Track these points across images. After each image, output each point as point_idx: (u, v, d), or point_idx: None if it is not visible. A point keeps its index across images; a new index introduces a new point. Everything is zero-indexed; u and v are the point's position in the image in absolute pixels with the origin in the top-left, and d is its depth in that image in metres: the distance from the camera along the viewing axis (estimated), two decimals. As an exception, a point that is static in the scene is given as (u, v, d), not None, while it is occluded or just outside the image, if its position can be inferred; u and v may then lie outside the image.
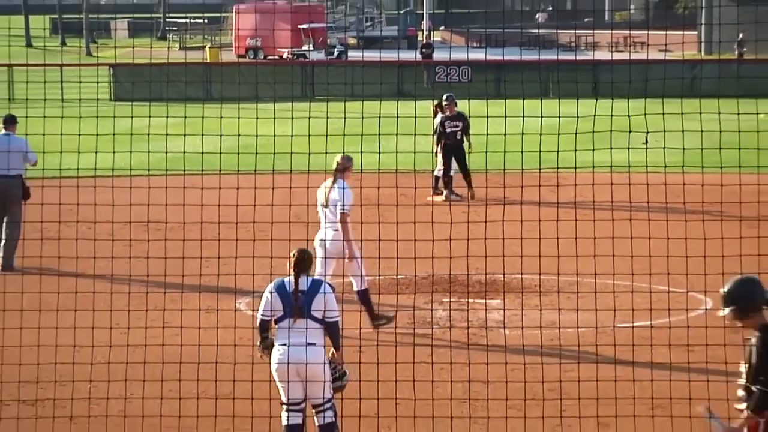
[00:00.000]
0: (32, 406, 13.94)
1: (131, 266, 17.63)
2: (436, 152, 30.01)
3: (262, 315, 12.72)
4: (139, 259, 17.25)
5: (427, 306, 18.48)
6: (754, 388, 9.91)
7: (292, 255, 12.75)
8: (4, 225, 22.79)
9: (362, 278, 18.04)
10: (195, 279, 18.63)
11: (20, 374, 13.83)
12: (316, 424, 12.58)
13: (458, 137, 29.68)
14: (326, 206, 18.02)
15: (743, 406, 10.01)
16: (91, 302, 14.76)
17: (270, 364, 12.64)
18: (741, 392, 10.10)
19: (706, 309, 17.17)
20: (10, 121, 23.19)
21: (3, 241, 22.79)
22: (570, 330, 16.68)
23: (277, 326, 12.60)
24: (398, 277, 19.52)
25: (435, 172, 29.96)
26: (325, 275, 17.55)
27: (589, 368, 13.38)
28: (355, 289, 18.04)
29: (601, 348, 15.10)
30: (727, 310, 10.14)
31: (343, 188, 17.99)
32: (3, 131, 22.98)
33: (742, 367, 10.15)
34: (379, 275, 18.51)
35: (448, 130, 29.68)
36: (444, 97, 30.39)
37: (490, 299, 19.05)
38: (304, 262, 12.72)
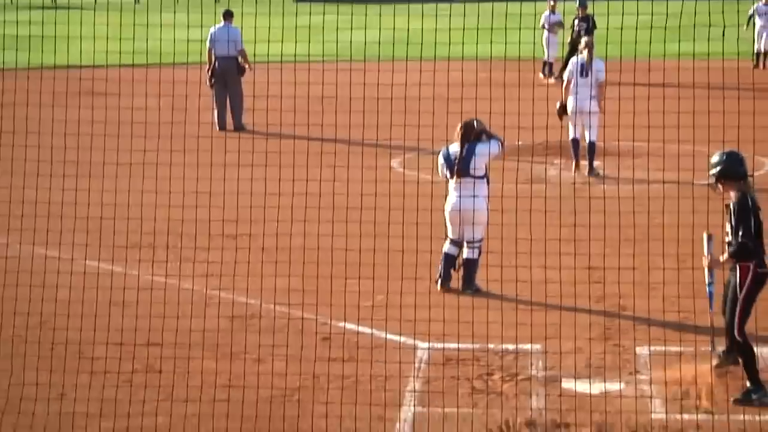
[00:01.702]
0: (233, 239, 14.07)
1: (309, 132, 17.63)
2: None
3: (441, 175, 13.04)
4: (315, 126, 17.22)
5: (542, 165, 18.29)
6: (732, 240, 9.95)
7: (459, 128, 12.81)
8: (228, 97, 22.93)
9: (596, 133, 18.60)
10: (358, 143, 18.61)
11: (224, 215, 13.97)
12: (464, 256, 12.75)
13: (581, 34, 29.49)
14: (585, 75, 18.52)
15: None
16: (277, 159, 14.84)
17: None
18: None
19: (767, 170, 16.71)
20: (229, 15, 23.24)
21: (229, 109, 22.93)
22: (656, 185, 16.36)
23: (449, 182, 12.76)
24: (518, 143, 19.32)
25: (544, 59, 29.90)
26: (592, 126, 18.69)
27: (671, 216, 13.11)
28: (589, 140, 18.38)
29: (682, 200, 14.78)
30: (712, 176, 10.02)
31: (599, 61, 19.00)
32: (223, 23, 23.04)
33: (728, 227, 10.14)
34: (504, 141, 18.29)
35: (576, 28, 29.84)
36: (578, 2, 30.41)
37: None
38: (466, 132, 12.77)
